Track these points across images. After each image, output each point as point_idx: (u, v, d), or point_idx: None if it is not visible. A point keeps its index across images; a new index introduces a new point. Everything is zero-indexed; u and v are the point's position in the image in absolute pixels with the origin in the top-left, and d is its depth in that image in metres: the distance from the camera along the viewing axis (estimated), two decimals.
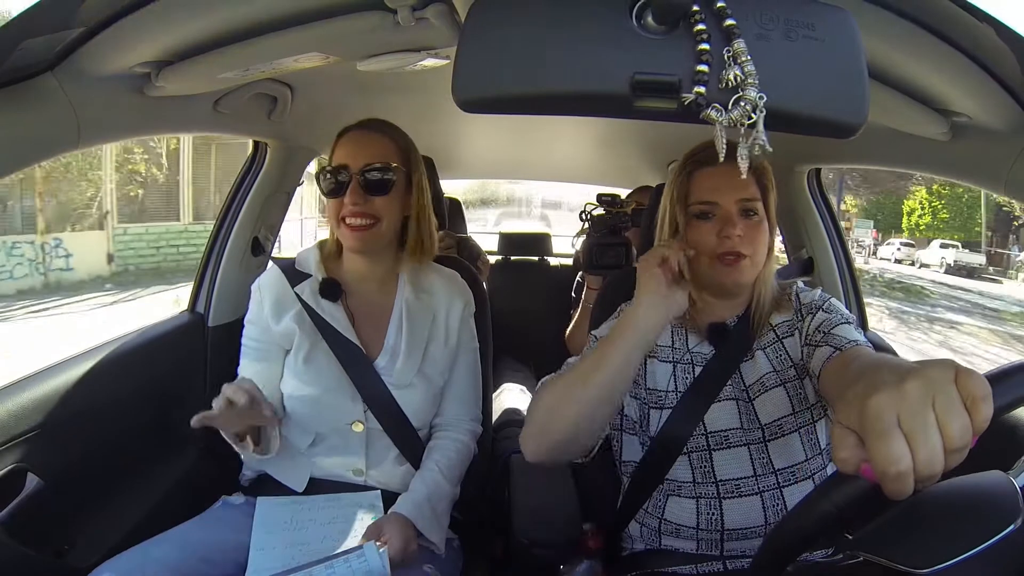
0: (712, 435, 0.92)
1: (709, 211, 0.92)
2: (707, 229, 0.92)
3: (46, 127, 0.75)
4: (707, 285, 0.96)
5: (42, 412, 0.98)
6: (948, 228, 18.26)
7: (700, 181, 0.94)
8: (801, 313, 0.96)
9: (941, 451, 0.42)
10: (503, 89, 0.48)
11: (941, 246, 17.48)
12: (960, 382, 0.44)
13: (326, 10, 0.76)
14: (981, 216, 17.56)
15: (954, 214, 18.25)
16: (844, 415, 0.47)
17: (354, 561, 0.84)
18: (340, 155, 1.04)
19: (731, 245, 0.90)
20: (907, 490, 0.43)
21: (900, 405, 0.44)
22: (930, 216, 18.64)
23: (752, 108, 0.45)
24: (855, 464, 0.45)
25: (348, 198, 1.01)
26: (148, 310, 6.54)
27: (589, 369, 0.81)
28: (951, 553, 0.48)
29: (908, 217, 19.19)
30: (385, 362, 1.05)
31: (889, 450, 0.42)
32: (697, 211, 0.93)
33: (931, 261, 17.41)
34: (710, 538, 0.91)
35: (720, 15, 0.46)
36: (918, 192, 18.99)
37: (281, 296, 1.07)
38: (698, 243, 0.92)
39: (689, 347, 0.97)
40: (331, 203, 1.04)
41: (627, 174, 2.41)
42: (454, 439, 1.09)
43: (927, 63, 0.73)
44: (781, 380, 0.93)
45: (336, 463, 1.05)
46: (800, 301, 0.98)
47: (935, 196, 18.49)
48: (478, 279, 1.27)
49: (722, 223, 0.91)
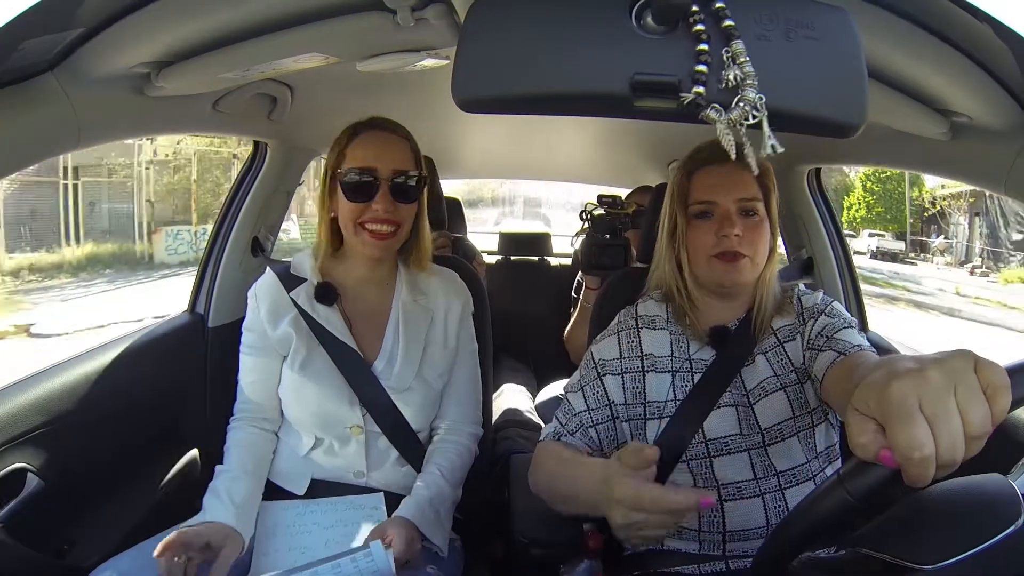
0: (711, 442, 0.91)
1: (708, 210, 0.92)
2: (705, 228, 0.92)
3: (46, 127, 0.75)
4: (706, 285, 0.96)
5: (42, 412, 0.98)
6: (881, 220, 20.25)
7: (700, 181, 0.94)
8: (803, 317, 0.96)
9: (962, 438, 0.42)
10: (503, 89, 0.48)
11: (870, 235, 20.18)
12: (980, 371, 0.44)
13: (326, 10, 0.76)
14: (906, 208, 19.79)
15: (887, 208, 20.17)
16: (861, 402, 0.47)
17: (361, 560, 0.83)
18: (363, 157, 1.01)
19: (729, 244, 0.90)
20: (928, 476, 0.43)
21: (923, 390, 0.44)
22: (865, 210, 20.36)
23: (752, 108, 0.45)
24: (875, 451, 0.45)
25: (378, 204, 0.99)
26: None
27: (565, 486, 0.84)
28: (952, 551, 0.48)
29: (847, 211, 20.65)
30: (383, 366, 1.05)
31: (913, 434, 0.42)
32: (696, 211, 0.93)
33: (861, 248, 19.61)
34: (712, 539, 0.91)
35: (719, 15, 0.46)
36: (855, 189, 20.82)
37: (277, 301, 1.06)
38: (697, 242, 0.92)
39: (690, 354, 0.96)
40: (351, 207, 1.01)
41: (627, 174, 2.41)
42: (455, 442, 1.08)
43: (927, 63, 0.73)
44: (782, 384, 0.93)
45: (336, 466, 1.04)
46: (802, 305, 0.97)
47: (869, 193, 20.31)
48: (477, 278, 1.26)
49: (720, 222, 0.91)
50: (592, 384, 0.97)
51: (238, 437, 1.04)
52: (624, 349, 0.98)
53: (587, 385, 0.98)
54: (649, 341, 0.98)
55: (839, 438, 0.96)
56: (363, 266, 1.08)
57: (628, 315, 1.02)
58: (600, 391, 0.96)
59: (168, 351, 1.31)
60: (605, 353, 0.98)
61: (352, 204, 1.00)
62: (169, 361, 1.31)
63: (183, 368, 1.35)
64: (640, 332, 0.98)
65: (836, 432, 0.96)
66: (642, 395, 0.96)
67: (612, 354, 0.98)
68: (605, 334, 1.02)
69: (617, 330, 1.00)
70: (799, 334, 0.95)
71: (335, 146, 1.04)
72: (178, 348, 1.34)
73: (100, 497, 1.07)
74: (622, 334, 0.99)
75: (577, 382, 1.00)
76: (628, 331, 0.99)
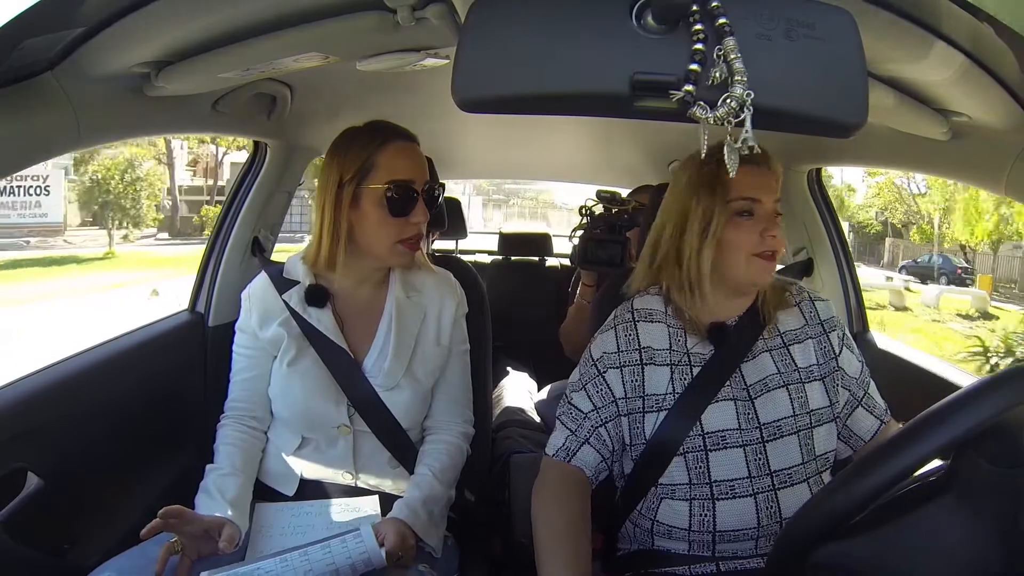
0: (709, 435, 0.91)
1: (751, 209, 0.92)
2: (749, 226, 0.91)
3: (46, 127, 0.75)
4: (733, 282, 0.95)
5: (42, 412, 0.98)
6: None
7: (740, 177, 0.92)
8: (823, 327, 0.98)
9: None
10: (503, 89, 0.48)
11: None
12: None
13: (326, 10, 0.76)
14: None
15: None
16: None
17: (350, 542, 0.84)
18: (402, 169, 0.99)
19: (773, 244, 0.91)
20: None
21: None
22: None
23: (739, 106, 0.45)
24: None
25: (418, 217, 0.99)
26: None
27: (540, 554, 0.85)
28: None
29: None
30: (372, 363, 1.04)
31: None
32: (739, 208, 0.92)
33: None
34: (701, 539, 0.91)
35: (718, 15, 0.46)
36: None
37: (269, 304, 1.05)
38: (738, 240, 0.91)
39: (688, 348, 0.96)
40: (392, 221, 0.98)
41: (627, 174, 2.41)
42: (446, 442, 1.08)
43: (927, 63, 0.73)
44: (784, 382, 0.93)
45: (324, 466, 1.04)
46: (819, 316, 1.00)
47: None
48: (477, 279, 1.26)
49: (766, 222, 0.91)
50: (594, 381, 0.97)
51: (227, 435, 1.04)
52: (622, 342, 0.97)
53: (589, 383, 0.97)
54: (647, 334, 0.97)
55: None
56: (361, 268, 1.07)
57: (625, 309, 1.01)
58: (603, 387, 0.96)
59: (168, 350, 1.31)
60: (604, 347, 0.98)
61: (393, 219, 0.99)
62: (169, 360, 1.31)
63: (183, 367, 1.35)
64: (637, 325, 0.98)
65: (835, 439, 0.97)
66: (641, 388, 0.95)
67: (611, 347, 0.98)
68: (603, 329, 1.02)
69: (614, 324, 1.00)
70: (812, 339, 0.97)
71: (353, 155, 0.99)
72: (178, 347, 1.34)
73: (100, 497, 1.07)
74: (619, 327, 0.99)
75: (578, 380, 0.99)
76: (625, 324, 0.99)
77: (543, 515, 0.90)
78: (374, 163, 0.98)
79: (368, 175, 0.98)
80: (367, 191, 0.98)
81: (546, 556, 0.85)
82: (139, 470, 1.18)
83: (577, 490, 0.93)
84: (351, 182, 0.98)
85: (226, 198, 1.51)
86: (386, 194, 0.98)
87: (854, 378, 0.99)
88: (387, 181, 0.98)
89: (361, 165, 0.98)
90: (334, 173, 0.99)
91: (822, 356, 0.97)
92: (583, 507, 0.91)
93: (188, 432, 1.30)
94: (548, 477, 0.95)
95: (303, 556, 0.82)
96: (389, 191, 0.97)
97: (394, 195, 0.98)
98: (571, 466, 0.94)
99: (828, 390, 0.96)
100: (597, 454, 0.95)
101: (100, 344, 1.18)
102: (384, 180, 0.98)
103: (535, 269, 2.79)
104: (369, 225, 1.00)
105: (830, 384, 0.96)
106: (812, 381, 0.95)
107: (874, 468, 0.57)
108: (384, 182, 0.98)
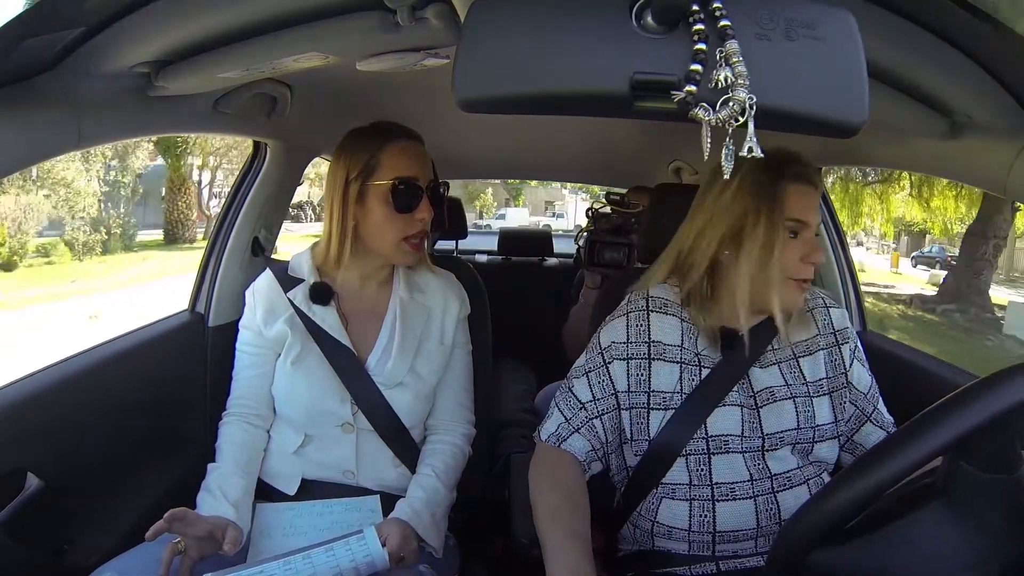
0: (712, 439, 0.91)
1: (798, 230, 0.88)
2: (794, 248, 0.88)
3: (46, 127, 0.75)
4: (760, 301, 0.89)
5: (42, 412, 0.98)
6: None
7: (795, 196, 0.87)
8: (836, 337, 0.97)
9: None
10: (503, 89, 0.48)
11: None
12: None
13: (326, 10, 0.76)
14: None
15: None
16: None
17: (354, 544, 0.84)
18: (406, 166, 1.00)
19: (810, 272, 0.88)
20: None
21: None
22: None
23: (741, 109, 0.45)
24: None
25: (423, 214, 1.00)
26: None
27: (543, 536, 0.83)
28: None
29: None
30: (376, 361, 1.04)
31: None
32: (792, 227, 0.88)
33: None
34: (701, 540, 0.90)
35: (718, 15, 0.46)
36: None
37: (273, 302, 1.06)
38: (783, 261, 0.87)
39: (698, 348, 0.95)
40: (397, 218, 1.00)
41: (627, 174, 2.41)
42: (449, 443, 1.08)
43: (927, 63, 0.73)
44: (791, 394, 0.93)
45: (326, 464, 1.04)
46: (833, 325, 0.98)
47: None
48: (478, 280, 1.26)
49: (810, 247, 0.88)
50: (598, 371, 0.96)
51: (229, 433, 1.04)
52: (632, 333, 0.95)
53: (592, 371, 0.96)
54: (659, 327, 0.95)
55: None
56: (366, 266, 1.07)
57: (639, 296, 0.98)
58: (606, 379, 0.95)
59: (168, 350, 1.31)
60: (613, 336, 0.96)
61: (398, 215, 1.00)
62: (169, 360, 1.31)
63: (183, 367, 1.35)
64: (650, 315, 0.96)
65: (836, 452, 0.97)
66: (647, 383, 0.94)
67: (620, 337, 0.96)
68: (614, 315, 1.00)
69: (627, 311, 0.98)
70: (821, 350, 0.96)
71: (359, 153, 1.01)
72: (178, 347, 1.34)
73: (100, 497, 1.07)
74: (631, 316, 0.97)
75: (583, 366, 0.98)
76: (637, 313, 0.96)
77: (539, 490, 0.90)
78: (379, 161, 1.00)
79: (373, 172, 1.00)
80: (372, 188, 1.00)
81: (546, 527, 0.84)
82: (139, 470, 1.18)
83: (570, 469, 0.93)
84: (357, 180, 1.00)
85: (226, 198, 1.51)
86: (391, 190, 0.99)
87: (863, 393, 0.98)
88: (392, 178, 0.99)
89: (366, 163, 1.00)
90: (340, 171, 1.01)
91: (832, 370, 0.96)
92: (577, 483, 0.91)
93: (188, 433, 1.30)
94: (540, 459, 0.95)
95: (306, 559, 0.82)
96: (394, 187, 0.98)
97: (400, 190, 0.98)
98: (562, 450, 0.95)
99: (835, 406, 0.95)
100: (588, 444, 0.94)
101: (100, 344, 1.18)
102: (389, 177, 0.99)
103: (535, 269, 2.79)
104: (374, 222, 1.01)
105: (837, 400, 0.95)
106: (820, 396, 0.94)
107: (874, 468, 0.57)
108: (389, 179, 0.99)
